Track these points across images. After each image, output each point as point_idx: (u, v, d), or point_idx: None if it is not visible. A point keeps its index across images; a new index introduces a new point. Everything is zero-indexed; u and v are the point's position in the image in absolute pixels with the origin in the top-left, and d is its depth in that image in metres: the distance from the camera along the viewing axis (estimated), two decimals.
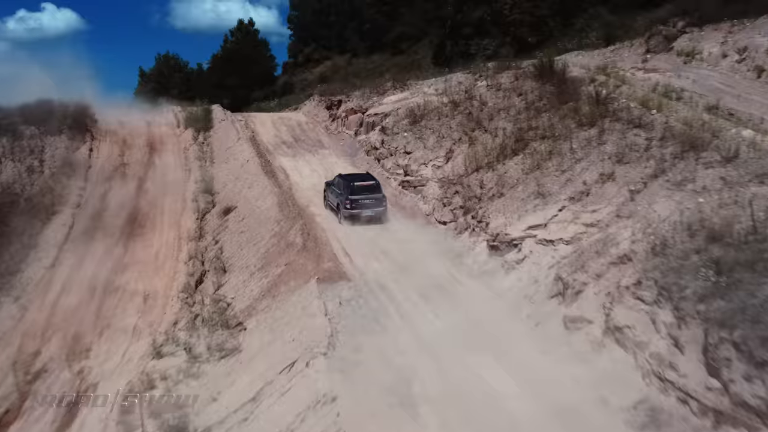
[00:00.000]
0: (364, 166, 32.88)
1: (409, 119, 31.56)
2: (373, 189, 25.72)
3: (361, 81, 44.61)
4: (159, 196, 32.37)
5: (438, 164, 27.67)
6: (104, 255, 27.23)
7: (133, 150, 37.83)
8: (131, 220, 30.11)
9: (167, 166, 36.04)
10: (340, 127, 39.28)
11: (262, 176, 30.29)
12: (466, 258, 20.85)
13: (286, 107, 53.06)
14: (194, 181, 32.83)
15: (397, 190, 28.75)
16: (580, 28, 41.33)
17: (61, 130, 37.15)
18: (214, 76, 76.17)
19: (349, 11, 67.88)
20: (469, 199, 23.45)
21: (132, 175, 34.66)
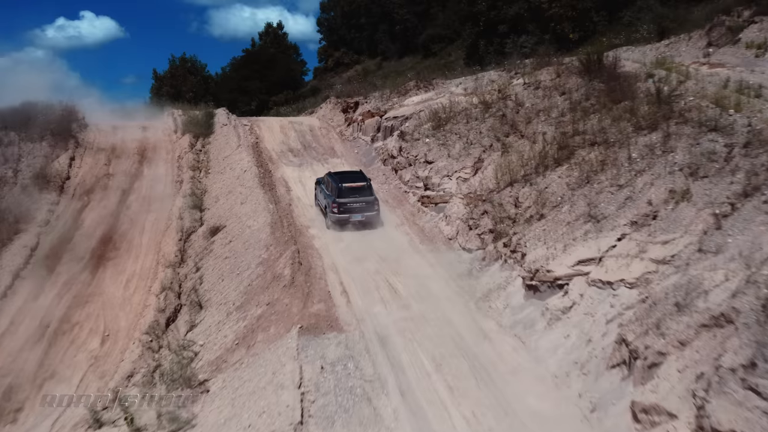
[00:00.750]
0: (378, 177, 28.74)
1: (433, 123, 27.29)
2: (363, 191, 23.65)
3: (382, 81, 40.44)
4: (142, 213, 28.62)
5: (464, 176, 23.37)
6: (66, 283, 23.70)
7: (121, 159, 34.25)
8: (105, 241, 26.40)
9: (157, 177, 32.28)
10: (356, 132, 35.17)
11: (257, 190, 26.30)
12: (496, 300, 16.46)
13: (303, 111, 49.09)
14: (183, 195, 28.85)
15: (416, 207, 24.52)
16: (628, 22, 37.70)
17: (42, 136, 33.70)
18: (233, 80, 73.50)
19: (380, 13, 64.86)
20: (500, 220, 19.07)
21: (115, 188, 31.02)
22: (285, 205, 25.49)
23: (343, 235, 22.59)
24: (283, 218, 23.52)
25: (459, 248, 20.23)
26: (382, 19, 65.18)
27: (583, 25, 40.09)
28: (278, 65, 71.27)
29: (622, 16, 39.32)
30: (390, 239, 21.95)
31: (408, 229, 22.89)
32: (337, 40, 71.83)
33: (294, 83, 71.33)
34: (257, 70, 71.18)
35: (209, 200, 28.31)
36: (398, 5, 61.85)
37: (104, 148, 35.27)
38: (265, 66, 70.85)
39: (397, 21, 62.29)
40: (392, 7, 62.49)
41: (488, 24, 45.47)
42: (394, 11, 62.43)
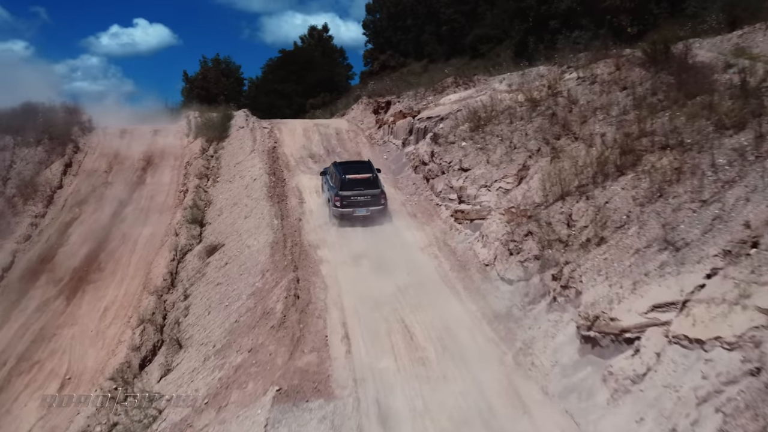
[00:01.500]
0: (408, 187, 25.29)
1: (471, 123, 23.60)
2: (369, 183, 22.42)
3: (417, 78, 36.87)
4: (137, 227, 25.63)
5: (505, 187, 19.64)
6: (37, 311, 20.85)
7: (124, 165, 31.39)
8: (90, 260, 23.45)
9: (159, 185, 29.29)
10: (387, 135, 31.66)
11: (263, 202, 23.07)
12: (542, 354, 12.71)
13: (336, 113, 45.78)
14: (184, 207, 25.68)
15: (448, 223, 20.90)
16: (693, 12, 33.72)
17: (39, 140, 30.96)
18: (269, 82, 70.97)
19: (426, 14, 61.68)
20: (549, 244, 15.29)
21: (112, 198, 28.07)
22: (294, 220, 22.11)
23: (354, 254, 19.40)
24: (288, 237, 20.19)
25: (497, 278, 16.48)
26: (429, 20, 62.23)
27: (642, 18, 36.39)
28: (316, 66, 68.45)
29: (685, 6, 35.63)
30: (414, 264, 18.38)
31: (437, 251, 19.29)
32: (384, 42, 69.03)
33: (335, 86, 68.48)
34: (294, 71, 68.76)
35: (212, 213, 25.15)
36: (445, 4, 58.76)
37: (107, 154, 32.52)
38: (303, 67, 68.32)
39: (444, 21, 59.21)
40: (438, 7, 59.35)
41: (538, 20, 42.33)
42: (440, 11, 59.31)
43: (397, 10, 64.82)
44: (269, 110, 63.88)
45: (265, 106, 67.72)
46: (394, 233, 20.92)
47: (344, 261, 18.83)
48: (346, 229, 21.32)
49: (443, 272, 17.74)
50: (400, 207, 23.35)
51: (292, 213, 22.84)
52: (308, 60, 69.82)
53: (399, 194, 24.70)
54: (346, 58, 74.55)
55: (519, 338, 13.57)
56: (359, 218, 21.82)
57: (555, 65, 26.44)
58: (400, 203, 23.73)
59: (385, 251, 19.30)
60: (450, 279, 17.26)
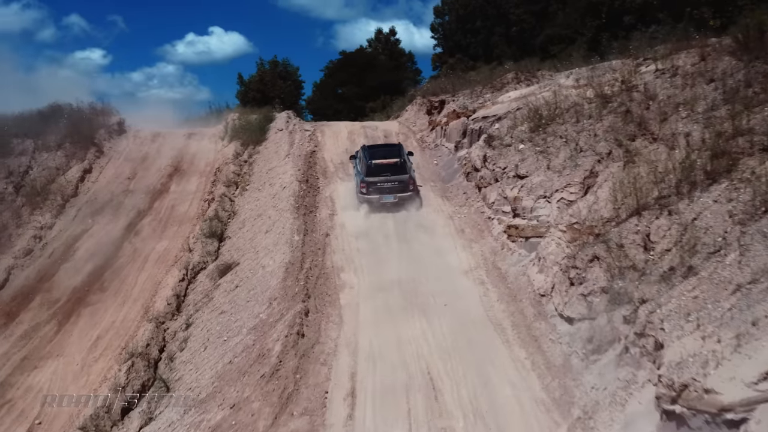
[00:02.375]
0: (458, 197, 22.35)
1: (531, 123, 20.44)
2: (396, 168, 21.93)
3: (476, 75, 33.77)
4: (151, 241, 23.32)
5: (568, 198, 16.45)
6: (23, 338, 18.80)
7: (149, 171, 29.23)
8: (93, 279, 21.23)
9: (184, 193, 26.95)
10: (439, 138, 28.66)
11: (287, 214, 20.50)
12: (606, 429, 9.56)
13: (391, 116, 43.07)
14: (204, 219, 23.24)
15: (500, 241, 17.78)
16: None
17: (60, 144, 29.05)
18: (328, 85, 69.07)
19: (495, 15, 58.86)
20: (620, 273, 12.09)
21: (130, 208, 25.87)
22: (320, 235, 19.41)
23: (385, 279, 16.51)
24: (308, 256, 17.51)
25: (554, 313, 13.34)
26: (498, 22, 59.58)
27: (725, 10, 32.50)
28: (378, 69, 66.09)
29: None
30: (455, 292, 15.41)
31: (484, 275, 16.25)
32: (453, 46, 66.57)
33: (397, 89, 66.05)
34: (355, 74, 66.75)
35: (234, 226, 22.69)
36: (514, 5, 55.88)
37: (133, 159, 30.49)
38: (363, 69, 66.19)
39: (514, 22, 56.39)
40: (508, 8, 56.53)
41: (612, 15, 39.72)
42: (510, 12, 56.45)
43: (465, 12, 62.44)
44: (328, 113, 62.09)
45: (324, 109, 65.97)
46: (436, 253, 17.96)
47: (371, 287, 16.02)
48: (379, 249, 18.51)
49: (488, 304, 14.69)
50: (447, 221, 20.40)
51: (319, 227, 20.15)
52: (369, 62, 67.76)
53: (447, 205, 21.73)
54: (414, 62, 72.59)
55: (577, 402, 10.45)
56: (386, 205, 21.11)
57: (629, 58, 22.96)
58: (447, 216, 20.77)
59: (422, 276, 16.41)
60: (496, 313, 14.19)
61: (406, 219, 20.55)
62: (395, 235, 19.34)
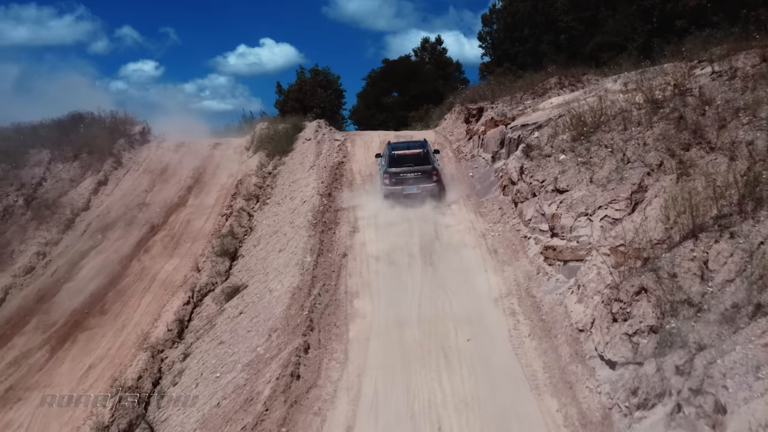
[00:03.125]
0: (493, 212, 20.45)
1: (574, 132, 18.50)
2: (419, 159, 22.11)
3: (517, 80, 31.89)
4: (161, 259, 21.97)
5: (613, 216, 14.51)
6: (13, 364, 17.72)
7: (168, 183, 27.95)
8: (95, 300, 20.01)
9: (202, 207, 25.57)
10: (476, 148, 26.84)
11: (302, 231, 18.91)
12: None
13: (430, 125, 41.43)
14: (218, 236, 21.80)
15: (535, 264, 15.91)
16: None
17: (77, 154, 28.01)
18: (370, 95, 67.71)
19: (544, 23, 57.04)
20: (672, 309, 10.17)
21: (143, 222, 24.63)
22: (336, 256, 17.75)
23: (403, 308, 14.76)
24: (319, 280, 15.86)
25: (593, 354, 11.46)
26: (547, 29, 57.82)
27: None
28: (421, 76, 64.67)
29: None
30: (481, 324, 13.66)
31: (516, 304, 14.41)
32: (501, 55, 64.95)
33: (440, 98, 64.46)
34: (397, 82, 65.45)
35: (249, 243, 21.21)
36: (563, 12, 53.99)
37: (152, 170, 29.29)
38: (407, 78, 64.80)
39: (562, 29, 54.57)
40: (557, 15, 54.68)
41: (663, 20, 38.04)
42: (558, 19, 54.63)
43: (513, 20, 60.86)
44: (372, 123, 60.77)
45: (367, 119, 64.66)
46: (463, 277, 16.17)
47: (386, 318, 14.29)
48: (401, 273, 16.76)
49: (518, 340, 12.85)
50: (479, 240, 18.57)
51: (336, 246, 18.48)
52: (413, 70, 66.36)
53: (480, 222, 19.92)
54: (462, 72, 70.81)
55: None
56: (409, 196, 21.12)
57: (682, 61, 20.86)
58: (480, 234, 18.95)
59: (445, 304, 14.69)
60: (526, 351, 12.34)
61: (433, 238, 18.83)
62: (420, 255, 17.60)
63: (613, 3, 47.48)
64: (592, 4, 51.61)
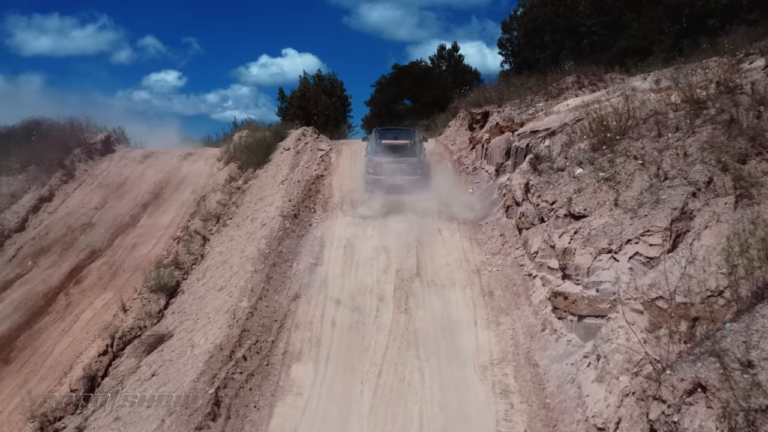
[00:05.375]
0: (493, 239, 16.61)
1: (594, 139, 14.44)
2: (405, 151, 21.39)
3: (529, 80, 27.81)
4: (94, 291, 18.27)
5: (648, 253, 10.46)
6: None
7: (123, 200, 24.20)
8: (3, 345, 16.30)
9: (153, 229, 21.79)
10: (479, 159, 22.90)
11: (249, 265, 14.95)
12: None
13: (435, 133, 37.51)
14: (159, 266, 17.93)
15: (540, 316, 11.95)
16: None
17: (25, 166, 24.31)
18: (380, 102, 64.14)
19: (566, 28, 53.45)
20: (749, 423, 6.19)
21: (83, 247, 20.90)
22: (285, 299, 13.87)
23: (356, 379, 10.94)
24: (251, 335, 12.06)
25: None
26: (568, 35, 54.24)
27: None
28: (434, 82, 60.93)
29: None
30: (458, 410, 9.83)
31: (511, 376, 10.50)
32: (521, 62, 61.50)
33: None
34: (408, 88, 61.83)
35: (195, 275, 17.37)
36: (585, 15, 50.41)
37: (108, 184, 25.51)
38: (418, 84, 61.19)
39: (585, 35, 51.06)
40: (579, 20, 51.13)
41: (693, 19, 35.06)
42: (581, 23, 51.07)
43: (534, 26, 57.35)
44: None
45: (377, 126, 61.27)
46: (446, 330, 12.32)
47: (328, 395, 10.41)
48: (365, 324, 12.91)
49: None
50: (472, 277, 14.61)
51: (289, 285, 14.56)
52: (425, 76, 62.25)
53: (476, 252, 15.95)
54: (481, 80, 66.16)
55: None
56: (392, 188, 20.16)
57: (723, 56, 16.70)
58: (473, 269, 14.97)
59: (415, 373, 10.85)
60: None
61: (414, 274, 14.87)
62: (394, 299, 13.71)
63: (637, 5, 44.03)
64: (616, 8, 48.21)
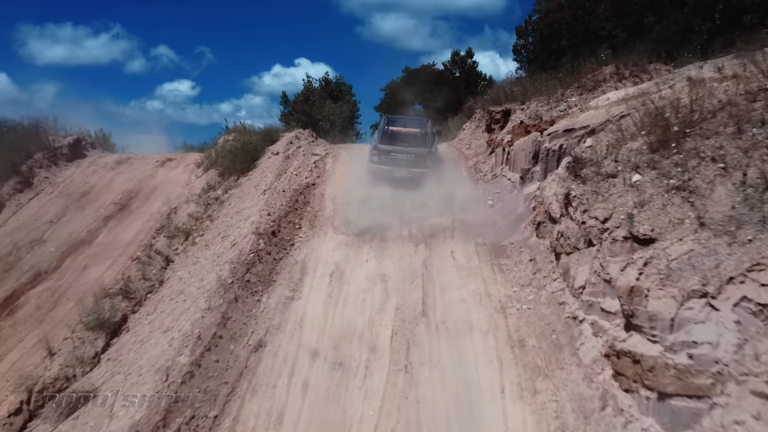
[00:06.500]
0: (521, 267, 12.88)
1: (650, 137, 10.73)
2: (415, 140, 19.32)
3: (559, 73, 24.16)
4: (27, 326, 14.93)
5: (763, 299, 6.79)
6: None
7: (84, 211, 20.82)
8: None
9: (111, 247, 18.27)
10: (500, 165, 19.33)
11: (202, 300, 11.45)
12: None
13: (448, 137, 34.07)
14: (103, 295, 14.40)
15: (595, 384, 8.32)
16: None
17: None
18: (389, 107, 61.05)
19: (584, 32, 50.15)
20: None
21: (28, 269, 17.45)
22: (243, 350, 10.34)
23: None
24: (182, 410, 8.68)
25: None
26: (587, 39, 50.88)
27: None
28: (446, 87, 57.92)
29: None
30: None
31: None
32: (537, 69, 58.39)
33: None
34: (419, 93, 59.05)
35: (146, 309, 13.85)
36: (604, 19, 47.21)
37: (70, 193, 22.05)
38: (429, 89, 58.24)
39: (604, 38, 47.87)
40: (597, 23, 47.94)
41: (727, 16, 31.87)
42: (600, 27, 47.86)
43: (550, 31, 54.14)
44: None
45: None
46: (461, 397, 8.79)
47: None
48: (346, 388, 9.37)
49: None
50: (495, 317, 10.99)
51: (251, 328, 11.02)
52: (437, 80, 59.45)
53: (499, 283, 12.34)
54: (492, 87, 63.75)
55: None
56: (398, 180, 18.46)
57: None
58: (497, 306, 11.35)
59: None
60: None
61: (419, 313, 11.28)
62: (390, 350, 10.15)
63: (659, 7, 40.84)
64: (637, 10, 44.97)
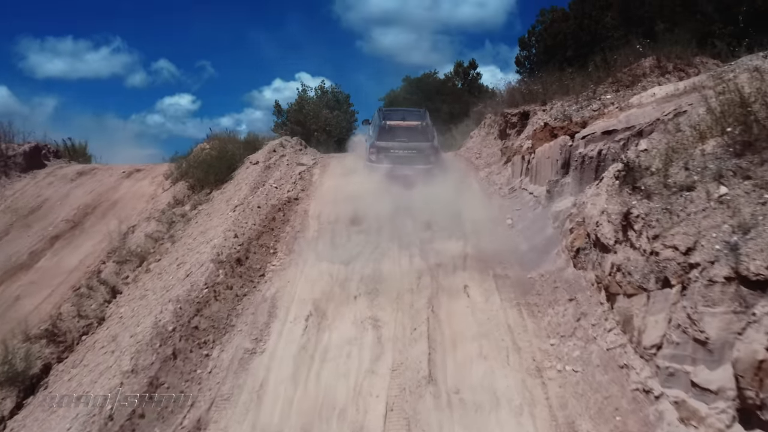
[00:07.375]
0: (558, 311, 9.56)
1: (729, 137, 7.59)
2: (416, 134, 18.01)
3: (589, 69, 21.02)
4: None
5: None
6: None
7: (30, 229, 18.00)
8: None
9: (53, 274, 15.29)
10: (518, 176, 16.29)
11: (127, 358, 8.36)
12: None
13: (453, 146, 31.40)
14: (28, 337, 11.39)
15: None
16: None
17: None
18: None
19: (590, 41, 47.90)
20: None
21: None
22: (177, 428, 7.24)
23: None
24: None
25: None
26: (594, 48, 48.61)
27: None
28: (449, 96, 55.92)
29: None
30: None
31: None
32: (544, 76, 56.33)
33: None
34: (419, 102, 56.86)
35: (75, 357, 10.83)
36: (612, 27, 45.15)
37: (18, 208, 19.11)
38: (430, 98, 56.08)
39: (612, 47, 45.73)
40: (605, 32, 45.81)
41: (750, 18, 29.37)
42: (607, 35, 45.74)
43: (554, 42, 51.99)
44: None
45: None
46: None
47: None
48: None
49: None
50: (530, 383, 7.82)
51: (189, 400, 7.93)
52: (439, 89, 57.42)
53: (530, 332, 9.14)
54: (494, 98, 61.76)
55: None
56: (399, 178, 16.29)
57: None
58: (530, 369, 8.16)
59: None
60: None
61: (423, 378, 8.06)
62: None
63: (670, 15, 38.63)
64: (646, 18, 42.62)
